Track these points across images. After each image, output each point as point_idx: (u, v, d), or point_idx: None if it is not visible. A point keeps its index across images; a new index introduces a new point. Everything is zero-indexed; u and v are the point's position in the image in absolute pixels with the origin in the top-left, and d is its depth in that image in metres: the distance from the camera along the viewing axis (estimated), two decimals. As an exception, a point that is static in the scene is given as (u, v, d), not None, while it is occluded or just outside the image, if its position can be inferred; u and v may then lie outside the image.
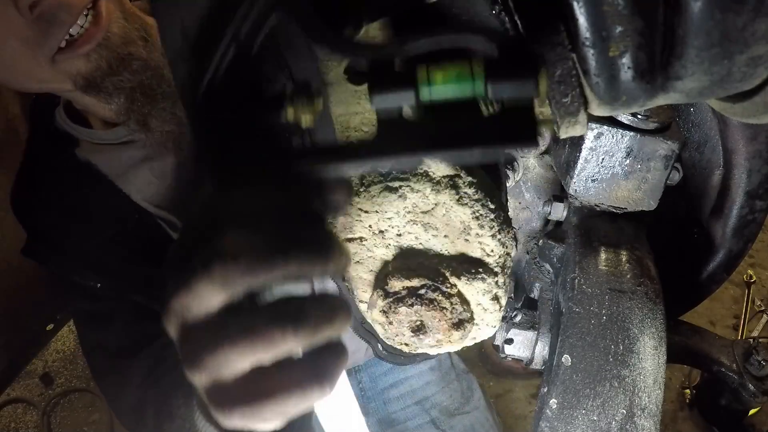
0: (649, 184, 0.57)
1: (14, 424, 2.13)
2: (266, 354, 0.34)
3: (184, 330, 0.36)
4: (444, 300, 0.52)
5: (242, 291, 0.33)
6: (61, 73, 0.81)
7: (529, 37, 0.33)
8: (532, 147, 0.48)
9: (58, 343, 2.23)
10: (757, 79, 0.30)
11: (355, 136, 0.49)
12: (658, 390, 0.50)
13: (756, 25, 0.26)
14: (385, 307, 0.52)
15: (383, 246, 0.53)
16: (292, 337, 0.34)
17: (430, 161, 0.49)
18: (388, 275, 0.52)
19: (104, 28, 0.80)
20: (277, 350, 0.34)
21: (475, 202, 0.51)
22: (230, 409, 0.36)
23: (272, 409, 0.35)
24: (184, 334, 0.36)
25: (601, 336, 0.52)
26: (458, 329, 0.53)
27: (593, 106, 0.33)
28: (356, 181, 0.50)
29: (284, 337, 0.33)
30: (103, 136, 0.97)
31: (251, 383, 0.35)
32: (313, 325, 0.35)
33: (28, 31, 0.75)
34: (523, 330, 0.66)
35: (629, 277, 0.55)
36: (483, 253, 0.53)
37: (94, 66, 0.81)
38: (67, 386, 2.22)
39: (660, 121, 0.55)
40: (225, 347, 0.33)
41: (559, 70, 0.32)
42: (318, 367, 0.36)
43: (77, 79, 0.82)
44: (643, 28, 0.28)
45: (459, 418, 1.39)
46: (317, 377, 0.36)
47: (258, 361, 0.34)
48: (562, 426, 0.50)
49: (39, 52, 0.77)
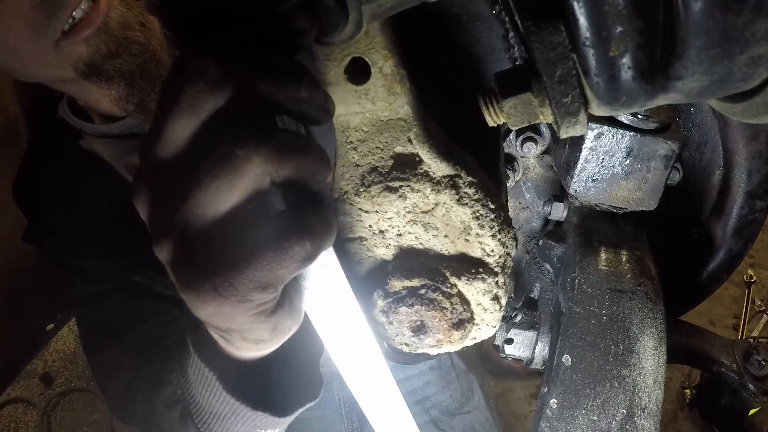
0: (649, 184, 0.57)
1: (14, 424, 2.13)
2: (233, 184, 0.30)
3: (152, 185, 0.32)
4: (444, 300, 0.52)
5: (210, 110, 0.31)
6: (63, 59, 0.82)
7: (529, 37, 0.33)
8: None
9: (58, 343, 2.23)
10: (758, 79, 0.30)
11: (355, 136, 0.49)
12: (658, 390, 0.50)
13: (756, 25, 0.26)
14: (385, 307, 0.52)
15: (383, 246, 0.53)
16: (254, 155, 0.30)
17: (431, 161, 0.49)
18: (388, 275, 0.52)
19: (103, 12, 0.81)
20: (243, 177, 0.30)
21: (475, 202, 0.51)
22: (200, 281, 0.32)
23: (248, 277, 0.31)
24: (152, 190, 0.33)
25: (601, 336, 0.52)
26: (458, 329, 0.53)
27: (593, 106, 0.33)
28: (357, 181, 0.50)
29: (246, 154, 0.30)
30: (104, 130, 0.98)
31: (222, 244, 0.31)
32: (279, 144, 0.31)
33: (33, 13, 0.76)
34: (523, 330, 0.66)
35: (629, 277, 0.55)
36: (483, 253, 0.53)
37: (94, 49, 0.83)
38: (67, 386, 2.22)
39: (660, 121, 0.55)
40: (194, 183, 0.30)
41: (559, 70, 0.32)
42: (297, 217, 0.32)
43: (78, 64, 0.83)
44: (643, 28, 0.28)
45: (459, 418, 1.39)
46: (297, 228, 0.31)
47: (228, 200, 0.31)
48: (562, 426, 0.50)
49: (44, 35, 0.78)
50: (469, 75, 0.54)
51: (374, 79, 0.45)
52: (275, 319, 0.37)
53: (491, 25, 0.52)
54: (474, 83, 0.55)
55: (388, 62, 0.45)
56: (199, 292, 0.32)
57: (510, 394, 2.39)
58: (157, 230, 0.33)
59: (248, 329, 0.37)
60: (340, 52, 0.44)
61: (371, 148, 0.49)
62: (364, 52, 0.44)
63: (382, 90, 0.46)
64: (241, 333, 0.37)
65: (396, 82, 0.46)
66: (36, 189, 1.03)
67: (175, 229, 0.32)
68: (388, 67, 0.45)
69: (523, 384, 2.40)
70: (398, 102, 0.47)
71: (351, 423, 1.37)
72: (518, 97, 0.36)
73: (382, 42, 0.44)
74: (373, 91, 0.46)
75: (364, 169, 0.50)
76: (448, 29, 0.52)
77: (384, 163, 0.50)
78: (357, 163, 0.50)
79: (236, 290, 0.32)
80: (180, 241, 0.32)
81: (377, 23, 0.43)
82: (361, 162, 0.50)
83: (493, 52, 0.53)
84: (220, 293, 0.32)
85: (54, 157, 1.01)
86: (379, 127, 0.48)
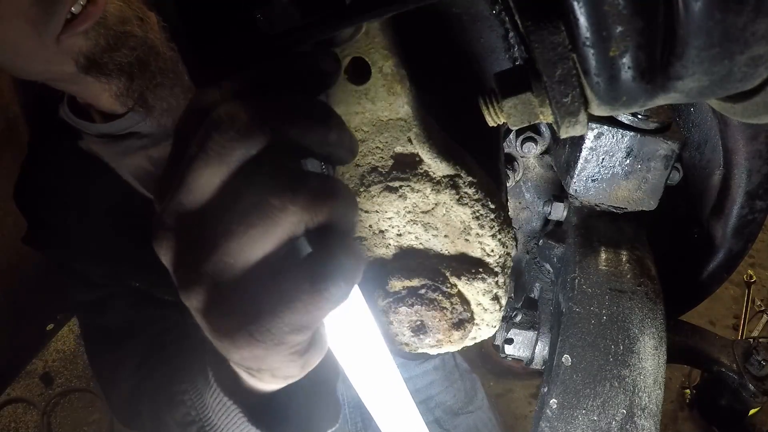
0: (649, 184, 0.57)
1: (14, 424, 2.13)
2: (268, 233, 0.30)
3: (177, 233, 0.32)
4: (444, 300, 0.52)
5: (240, 159, 0.30)
6: (64, 53, 0.83)
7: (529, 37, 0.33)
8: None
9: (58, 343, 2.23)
10: (758, 79, 0.29)
11: (355, 136, 0.49)
12: (658, 390, 0.50)
13: (756, 25, 0.26)
14: (385, 307, 0.52)
15: (383, 246, 0.53)
16: (290, 204, 0.30)
17: (431, 161, 0.49)
18: (388, 275, 0.52)
19: (102, 6, 0.82)
20: (279, 225, 0.30)
21: (475, 202, 0.51)
22: (236, 329, 0.32)
23: (284, 321, 0.31)
24: (177, 238, 0.32)
25: (601, 336, 0.52)
26: (458, 329, 0.53)
27: (593, 106, 0.33)
28: (356, 181, 0.50)
29: (283, 204, 0.30)
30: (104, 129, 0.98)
31: (255, 291, 0.31)
32: (312, 191, 0.31)
33: (32, 10, 0.76)
34: (523, 330, 0.66)
35: (629, 277, 0.55)
36: (483, 253, 0.53)
37: (93, 43, 0.83)
38: (67, 386, 2.22)
39: (660, 121, 0.55)
40: (225, 232, 0.30)
41: (559, 70, 0.32)
42: (328, 261, 0.32)
43: (79, 58, 0.84)
44: (643, 28, 0.28)
45: (463, 418, 1.39)
46: (331, 270, 0.31)
47: (261, 248, 0.30)
48: (562, 426, 0.50)
49: (44, 31, 0.79)
50: (469, 75, 0.54)
51: (374, 79, 0.46)
52: (307, 356, 0.37)
53: (491, 25, 0.52)
54: (474, 83, 0.55)
55: (388, 62, 0.45)
56: (235, 339, 0.32)
57: (510, 394, 2.39)
58: (185, 279, 0.32)
59: (279, 368, 0.36)
60: (340, 52, 0.44)
61: (371, 148, 0.49)
62: (364, 52, 0.44)
63: (382, 90, 0.46)
64: (271, 372, 0.37)
65: (396, 82, 0.46)
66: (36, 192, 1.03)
67: (206, 277, 0.31)
68: (388, 67, 0.45)
69: (523, 384, 2.40)
70: (398, 102, 0.47)
71: (355, 424, 1.37)
72: (518, 97, 0.36)
73: (382, 42, 0.44)
74: (373, 91, 0.46)
75: (364, 169, 0.50)
76: (448, 29, 0.52)
77: (384, 163, 0.50)
78: (357, 163, 0.50)
79: (272, 335, 0.32)
80: (211, 290, 0.32)
81: (377, 23, 0.43)
82: (361, 162, 0.50)
83: (493, 52, 0.53)
84: (256, 338, 0.32)
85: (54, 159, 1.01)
86: (379, 127, 0.48)
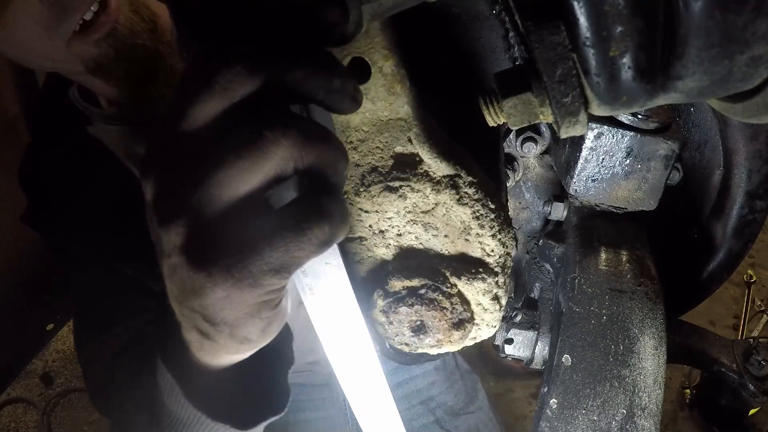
0: (649, 184, 0.57)
1: (14, 424, 2.13)
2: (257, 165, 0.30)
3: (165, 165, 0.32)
4: (444, 300, 0.52)
5: (242, 94, 0.30)
6: (73, 56, 0.85)
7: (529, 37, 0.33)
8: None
9: (58, 343, 2.23)
10: (758, 79, 0.30)
11: (355, 136, 0.49)
12: (658, 390, 0.50)
13: (756, 24, 0.26)
14: (385, 307, 0.52)
15: (383, 246, 0.53)
16: (282, 138, 0.30)
17: (431, 161, 0.49)
18: (388, 275, 0.52)
19: (113, 17, 0.84)
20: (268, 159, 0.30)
21: (475, 202, 0.51)
22: (214, 262, 0.31)
23: (264, 258, 0.30)
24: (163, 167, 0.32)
25: (601, 336, 0.52)
26: (458, 329, 0.53)
27: (593, 106, 0.33)
28: (357, 181, 0.50)
29: (275, 137, 0.30)
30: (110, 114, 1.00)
31: (238, 227, 0.31)
32: (306, 131, 0.31)
33: (44, 14, 0.78)
34: (523, 330, 0.66)
35: (629, 277, 0.55)
36: (483, 253, 0.53)
37: (103, 52, 0.86)
38: (67, 386, 2.22)
39: (660, 121, 0.55)
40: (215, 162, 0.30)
41: (559, 70, 0.32)
42: (314, 202, 0.31)
43: (88, 62, 0.86)
44: (643, 28, 0.28)
45: (463, 418, 1.39)
46: (317, 211, 0.31)
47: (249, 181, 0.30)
48: (562, 426, 0.50)
49: (55, 35, 0.81)
50: (469, 75, 0.54)
51: (374, 79, 0.45)
52: (273, 315, 0.36)
53: (491, 25, 0.52)
54: (474, 83, 0.55)
55: (388, 62, 0.45)
56: (211, 272, 0.31)
57: (510, 394, 2.39)
58: (167, 210, 0.32)
59: (242, 324, 0.35)
60: (340, 51, 0.44)
61: (371, 148, 0.49)
62: (364, 52, 0.44)
63: (382, 90, 0.46)
64: (232, 328, 0.36)
65: (396, 82, 0.46)
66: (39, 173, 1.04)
67: (189, 209, 0.31)
68: (388, 67, 0.45)
69: (523, 384, 2.40)
70: (398, 102, 0.47)
71: (355, 424, 1.38)
72: (518, 97, 0.36)
73: (382, 42, 0.44)
74: (373, 91, 0.46)
75: (364, 168, 0.50)
76: (448, 29, 0.52)
77: (384, 163, 0.50)
78: (357, 162, 0.50)
79: (249, 272, 0.31)
80: (192, 224, 0.31)
81: (377, 23, 0.43)
82: (361, 162, 0.50)
83: (493, 52, 0.53)
84: (233, 274, 0.31)
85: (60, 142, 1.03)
86: (379, 127, 0.48)
